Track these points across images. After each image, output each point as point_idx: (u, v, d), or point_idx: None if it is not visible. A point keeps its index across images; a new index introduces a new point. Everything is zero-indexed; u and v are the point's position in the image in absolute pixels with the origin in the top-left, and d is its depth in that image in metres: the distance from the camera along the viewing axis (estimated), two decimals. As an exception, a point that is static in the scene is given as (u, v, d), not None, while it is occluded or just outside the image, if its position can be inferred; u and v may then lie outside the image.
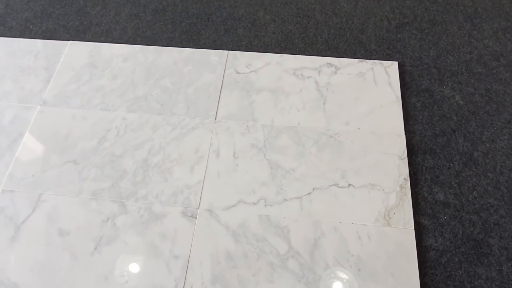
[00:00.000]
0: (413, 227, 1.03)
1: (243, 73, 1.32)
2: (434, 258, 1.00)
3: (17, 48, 1.42)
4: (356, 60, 1.33)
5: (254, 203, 1.08)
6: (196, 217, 1.07)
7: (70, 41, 1.42)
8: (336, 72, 1.31)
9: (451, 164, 1.13)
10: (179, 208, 1.08)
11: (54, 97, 1.29)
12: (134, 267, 1.00)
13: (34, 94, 1.31)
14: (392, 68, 1.31)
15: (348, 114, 1.23)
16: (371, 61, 1.33)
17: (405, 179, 1.10)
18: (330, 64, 1.33)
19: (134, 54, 1.39)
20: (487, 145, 1.16)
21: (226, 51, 1.38)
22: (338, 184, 1.10)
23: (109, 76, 1.34)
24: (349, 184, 1.10)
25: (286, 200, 1.08)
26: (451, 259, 1.00)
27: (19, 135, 1.23)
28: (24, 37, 1.45)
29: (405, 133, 1.18)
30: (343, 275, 0.98)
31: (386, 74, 1.30)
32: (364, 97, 1.26)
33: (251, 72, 1.33)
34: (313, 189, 1.10)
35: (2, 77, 1.35)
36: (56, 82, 1.33)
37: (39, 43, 1.43)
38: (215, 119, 1.23)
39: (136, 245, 1.03)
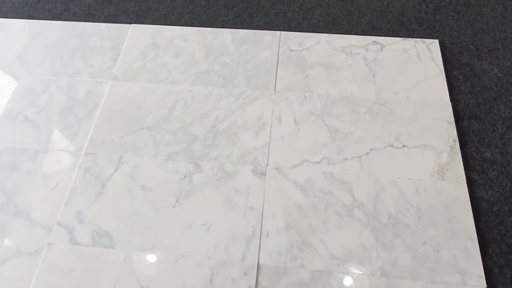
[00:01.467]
0: (465, 181, 1.13)
1: (296, 50, 1.44)
2: (486, 208, 1.10)
3: (83, 31, 1.54)
4: (400, 38, 1.45)
5: (318, 162, 1.18)
6: (265, 175, 1.17)
7: (133, 24, 1.54)
8: (382, 49, 1.43)
9: (495, 128, 1.24)
10: (249, 167, 1.18)
11: (123, 73, 1.41)
12: (214, 217, 1.10)
13: (104, 71, 1.42)
14: (433, 45, 1.43)
15: (396, 85, 1.33)
16: (414, 39, 1.45)
17: (454, 140, 1.21)
18: (375, 42, 1.45)
19: (192, 35, 1.50)
20: (527, 111, 1.27)
21: (278, 32, 1.49)
22: (393, 145, 1.21)
23: (172, 55, 1.45)
24: (403, 145, 1.21)
25: (347, 159, 1.19)
26: (502, 208, 1.10)
27: (94, 106, 1.33)
28: (88, 21, 1.57)
29: (451, 102, 1.29)
30: (405, 221, 1.07)
31: (428, 50, 1.41)
32: (409, 71, 1.37)
33: (303, 49, 1.44)
34: (371, 149, 1.20)
35: (72, 57, 1.46)
36: (124, 60, 1.44)
37: (103, 26, 1.55)
38: (274, 91, 1.34)
39: (213, 199, 1.13)
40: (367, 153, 1.20)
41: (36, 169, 1.21)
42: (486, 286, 0.98)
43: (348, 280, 1.00)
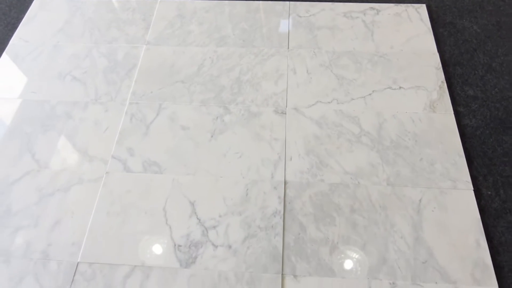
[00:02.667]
0: (452, 113, 1.35)
1: (304, 16, 1.66)
2: (470, 132, 1.32)
3: (115, 6, 1.75)
4: (393, 4, 1.68)
5: (329, 102, 1.40)
6: (285, 113, 1.38)
7: (159, 0, 1.76)
8: (378, 14, 1.66)
9: (476, 71, 1.47)
10: (271, 108, 1.39)
11: (155, 39, 1.61)
12: (244, 147, 1.31)
13: (138, 38, 1.63)
14: (421, 8, 1.66)
15: (391, 41, 1.56)
16: (405, 4, 1.68)
17: (442, 82, 1.43)
18: (372, 8, 1.67)
19: (213, 7, 1.72)
20: (502, 58, 1.50)
21: (287, 2, 1.71)
22: (391, 87, 1.43)
23: (196, 23, 1.66)
24: (400, 87, 1.43)
25: (353, 99, 1.41)
26: (484, 132, 1.32)
27: (133, 66, 1.54)
28: (118, -1, 1.78)
29: (438, 52, 1.52)
30: (405, 144, 1.29)
31: (417, 13, 1.65)
32: (402, 30, 1.60)
33: (310, 15, 1.66)
34: (373, 91, 1.42)
35: (108, 28, 1.67)
36: (154, 29, 1.65)
37: (133, 1, 1.76)
38: (288, 49, 1.56)
39: (242, 133, 1.34)
40: (370, 94, 1.42)
41: (88, 117, 1.41)
42: (472, 188, 1.20)
43: (360, 189, 1.21)
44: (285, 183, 1.23)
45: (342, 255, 1.11)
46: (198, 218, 1.18)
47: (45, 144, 1.34)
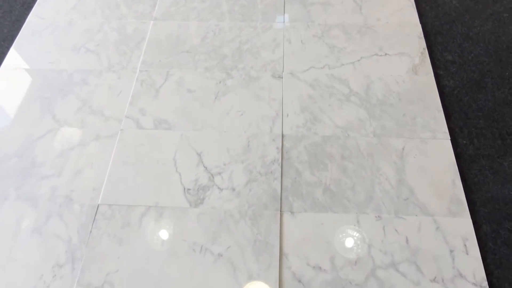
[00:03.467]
0: (433, 75, 1.50)
1: (298, -6, 1.81)
2: (449, 91, 1.47)
3: (123, -13, 1.89)
4: (379, -18, 1.83)
5: (321, 68, 1.54)
6: (282, 77, 1.52)
7: (164, -20, 1.90)
8: (365, -9, 1.80)
9: (454, 40, 1.62)
10: (269, 73, 1.53)
11: (161, 15, 1.75)
12: (245, 106, 1.45)
13: (145, 15, 1.76)
14: (406, -14, 1.81)
15: (378, 14, 1.71)
16: (390, -18, 1.83)
17: (424, 48, 1.58)
18: (360, -14, 1.82)
19: (214, -13, 1.86)
20: (478, 28, 1.65)
21: (283, -19, 1.86)
22: (378, 54, 1.57)
23: (199, 1, 1.80)
24: (386, 54, 1.57)
25: (343, 64, 1.55)
26: (460, 91, 1.47)
27: (142, 39, 1.68)
28: (126, -19, 1.92)
29: (420, 23, 1.67)
30: (390, 102, 1.44)
31: (402, -10, 1.80)
32: (387, 5, 1.74)
33: (304, -7, 1.81)
34: (361, 57, 1.57)
35: (118, 6, 1.81)
36: (161, 6, 1.79)
37: (140, -17, 1.90)
38: (283, 22, 1.70)
39: (243, 94, 1.48)
40: (359, 60, 1.56)
41: (102, 83, 1.54)
42: (449, 138, 1.35)
43: (349, 140, 1.35)
44: (283, 136, 1.37)
45: (334, 194, 1.25)
46: (204, 166, 1.32)
47: (64, 106, 1.48)
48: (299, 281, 1.12)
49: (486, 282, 1.10)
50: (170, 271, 1.14)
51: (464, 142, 1.36)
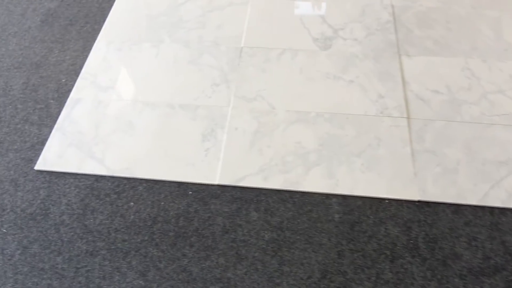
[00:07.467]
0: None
1: None
2: None
3: None
4: None
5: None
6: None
7: None
8: None
9: None
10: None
11: None
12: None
13: None
14: None
15: None
16: None
17: None
18: None
19: None
20: None
21: None
22: None
23: None
24: None
25: None
26: None
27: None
28: None
29: None
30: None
31: None
32: None
33: None
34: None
35: None
36: None
37: None
38: None
39: None
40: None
41: None
42: None
43: (451, 11, 1.57)
44: (392, 6, 1.60)
45: (442, 45, 1.46)
46: (328, 24, 1.55)
47: (198, -16, 1.73)
48: (421, 99, 1.33)
49: None
50: (309, 90, 1.37)
51: (552, 14, 1.56)
